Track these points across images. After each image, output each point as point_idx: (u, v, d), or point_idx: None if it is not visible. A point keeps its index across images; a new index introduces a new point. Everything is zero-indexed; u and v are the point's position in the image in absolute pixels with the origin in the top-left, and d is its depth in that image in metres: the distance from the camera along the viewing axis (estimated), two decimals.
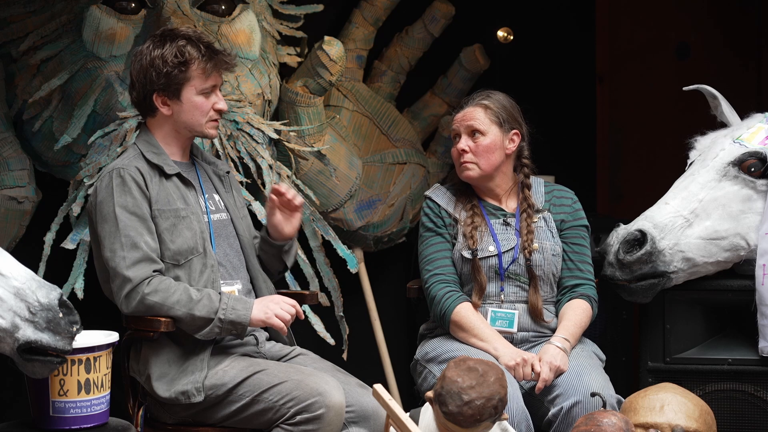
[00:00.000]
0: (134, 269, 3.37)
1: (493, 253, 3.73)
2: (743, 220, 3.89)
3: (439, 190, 3.90)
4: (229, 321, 3.40)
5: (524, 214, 3.79)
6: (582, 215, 3.87)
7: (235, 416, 3.42)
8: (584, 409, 3.46)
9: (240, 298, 3.45)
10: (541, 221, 3.80)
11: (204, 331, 3.40)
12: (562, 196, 3.88)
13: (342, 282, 4.71)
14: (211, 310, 3.38)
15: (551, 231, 3.80)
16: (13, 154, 4.21)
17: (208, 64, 3.49)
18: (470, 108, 3.80)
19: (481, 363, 3.09)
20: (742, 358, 3.91)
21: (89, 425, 3.26)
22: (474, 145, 3.76)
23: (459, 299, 3.74)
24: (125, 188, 3.43)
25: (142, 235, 3.40)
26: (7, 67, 4.26)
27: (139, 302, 3.36)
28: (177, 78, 3.47)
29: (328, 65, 4.48)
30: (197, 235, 3.49)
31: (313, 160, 4.60)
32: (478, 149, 3.76)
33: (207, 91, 3.52)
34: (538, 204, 3.82)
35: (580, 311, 3.75)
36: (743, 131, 3.99)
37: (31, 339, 2.97)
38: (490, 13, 5.42)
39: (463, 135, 3.78)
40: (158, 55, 3.47)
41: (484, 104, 3.79)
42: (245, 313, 3.41)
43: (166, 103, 3.51)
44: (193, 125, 3.53)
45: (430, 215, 3.84)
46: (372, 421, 3.44)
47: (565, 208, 3.85)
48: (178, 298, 3.37)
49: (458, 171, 3.82)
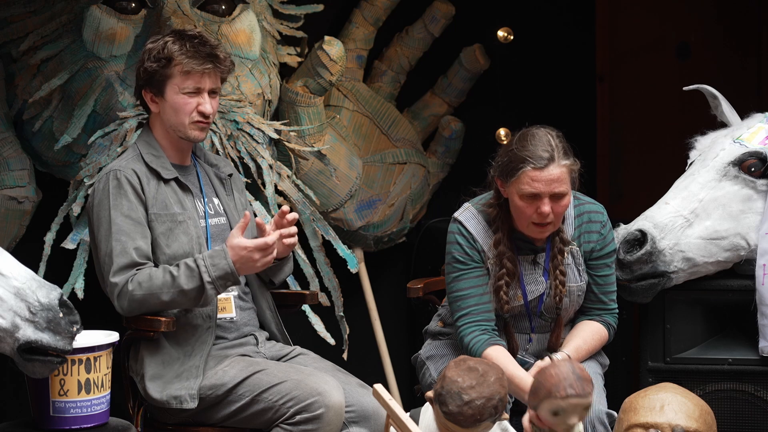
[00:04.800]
0: (119, 275, 3.37)
1: (520, 303, 3.60)
2: (743, 220, 3.89)
3: (470, 213, 3.63)
4: (218, 277, 3.36)
5: (554, 251, 3.58)
6: (611, 238, 3.69)
7: (234, 416, 3.42)
8: None
9: (213, 252, 3.39)
10: (569, 257, 3.62)
11: (203, 299, 3.38)
12: (591, 221, 3.66)
13: (342, 282, 4.71)
14: (196, 278, 3.36)
15: (578, 268, 3.64)
16: (14, 154, 4.21)
17: (191, 63, 3.45)
18: (556, 170, 3.45)
19: (482, 363, 3.09)
20: (743, 358, 3.91)
21: (89, 425, 3.26)
22: (556, 206, 3.48)
23: (489, 342, 3.54)
24: (121, 191, 3.42)
25: (134, 240, 3.39)
26: (7, 67, 4.26)
27: (129, 301, 3.36)
28: (158, 74, 3.47)
29: (329, 65, 4.48)
30: (194, 240, 3.48)
31: (313, 160, 4.60)
32: (559, 210, 3.49)
33: (189, 91, 3.48)
34: (567, 235, 3.62)
35: (592, 333, 3.65)
36: (743, 131, 3.99)
37: (32, 339, 2.97)
38: (490, 13, 5.42)
39: (547, 198, 3.45)
40: (146, 49, 3.50)
41: (567, 164, 3.48)
42: (226, 262, 3.35)
43: (154, 100, 3.52)
44: (176, 125, 3.51)
45: (463, 246, 3.59)
46: (372, 421, 3.44)
47: (594, 236, 3.65)
48: (162, 281, 3.36)
49: (527, 229, 3.52)
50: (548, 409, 3.05)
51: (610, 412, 3.50)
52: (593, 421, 3.44)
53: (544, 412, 3.07)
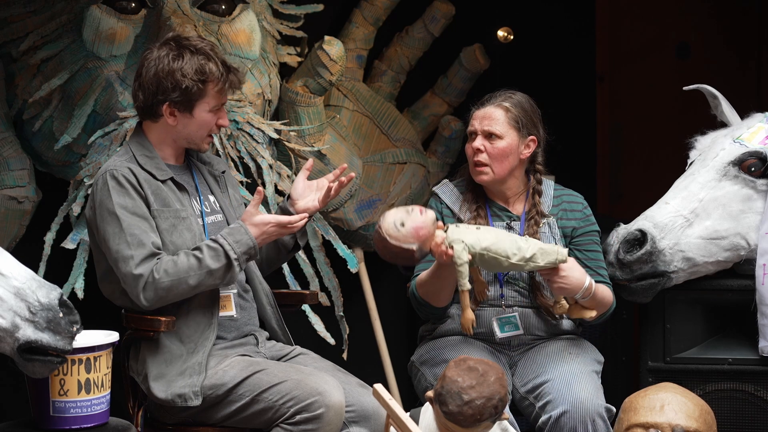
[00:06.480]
0: (142, 266, 3.37)
1: None
2: (743, 219, 3.90)
3: (446, 186, 3.85)
4: (243, 252, 3.42)
5: (531, 221, 3.73)
6: (593, 221, 3.81)
7: (235, 416, 3.42)
8: (572, 419, 3.45)
9: (231, 230, 3.45)
10: (545, 227, 3.74)
11: (228, 277, 3.43)
12: (573, 201, 3.81)
13: (342, 282, 4.71)
14: (221, 257, 3.40)
15: (554, 238, 3.73)
16: (14, 153, 4.21)
17: (225, 83, 3.49)
18: (491, 108, 3.72)
19: (482, 363, 3.09)
20: (743, 358, 3.91)
21: (89, 425, 3.26)
22: (490, 146, 3.69)
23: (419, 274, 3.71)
24: (122, 189, 3.42)
25: (146, 233, 3.40)
26: (7, 67, 4.26)
27: (156, 290, 3.36)
28: (194, 94, 3.46)
29: (329, 65, 4.48)
30: (196, 236, 3.49)
31: (313, 159, 4.59)
32: (494, 152, 3.69)
33: (217, 108, 3.52)
34: (545, 209, 3.77)
35: (584, 274, 3.64)
36: (743, 131, 3.99)
37: (32, 339, 2.97)
38: (490, 12, 5.42)
39: (480, 135, 3.71)
40: (178, 67, 3.44)
41: (506, 106, 3.71)
42: (248, 237, 3.43)
43: (174, 114, 3.49)
44: (194, 138, 3.53)
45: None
46: (372, 420, 3.44)
47: (576, 214, 3.79)
48: (188, 265, 3.38)
49: (471, 170, 3.76)
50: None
51: (609, 407, 3.51)
52: (593, 415, 3.45)
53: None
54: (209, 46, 3.53)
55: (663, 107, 5.78)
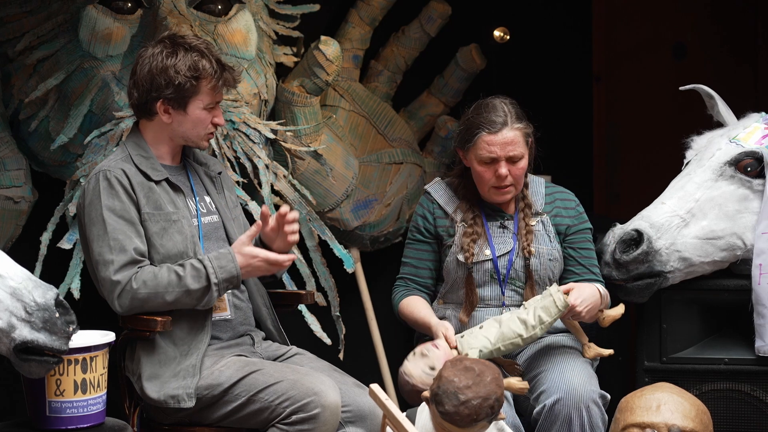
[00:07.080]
0: (121, 273, 3.36)
1: (488, 257, 3.72)
2: (740, 219, 3.90)
3: (439, 185, 3.84)
4: (224, 280, 3.40)
5: (521, 214, 3.75)
6: (585, 218, 3.83)
7: (230, 416, 3.42)
8: (566, 406, 3.47)
9: (219, 255, 3.43)
10: (539, 224, 3.75)
11: (204, 301, 3.40)
12: (565, 199, 3.83)
13: (338, 282, 4.71)
14: (202, 278, 3.38)
15: (548, 235, 3.75)
16: (10, 153, 4.21)
17: (219, 81, 3.48)
18: (508, 133, 3.64)
19: (478, 363, 3.09)
20: (739, 358, 3.91)
21: (85, 425, 3.26)
22: (513, 168, 3.65)
23: (405, 294, 3.76)
24: (112, 191, 3.42)
25: (130, 239, 3.39)
26: (3, 66, 4.26)
27: (132, 299, 3.36)
28: (187, 90, 3.45)
29: (325, 65, 4.48)
30: (188, 239, 3.48)
31: (309, 159, 4.60)
32: (517, 173, 3.67)
33: (211, 106, 3.51)
34: (536, 206, 3.77)
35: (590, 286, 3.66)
36: (739, 131, 3.99)
37: (28, 339, 2.97)
38: (486, 12, 5.42)
39: (503, 161, 3.63)
40: (172, 64, 3.43)
41: (517, 126, 3.65)
42: (233, 266, 3.40)
43: (168, 112, 3.48)
44: (191, 136, 3.53)
45: (425, 217, 3.79)
46: (369, 420, 3.44)
47: (570, 211, 3.81)
48: (168, 280, 3.37)
49: (488, 193, 3.71)
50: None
51: (604, 393, 3.53)
52: (587, 402, 3.47)
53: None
54: (204, 44, 3.52)
55: (659, 107, 5.78)
